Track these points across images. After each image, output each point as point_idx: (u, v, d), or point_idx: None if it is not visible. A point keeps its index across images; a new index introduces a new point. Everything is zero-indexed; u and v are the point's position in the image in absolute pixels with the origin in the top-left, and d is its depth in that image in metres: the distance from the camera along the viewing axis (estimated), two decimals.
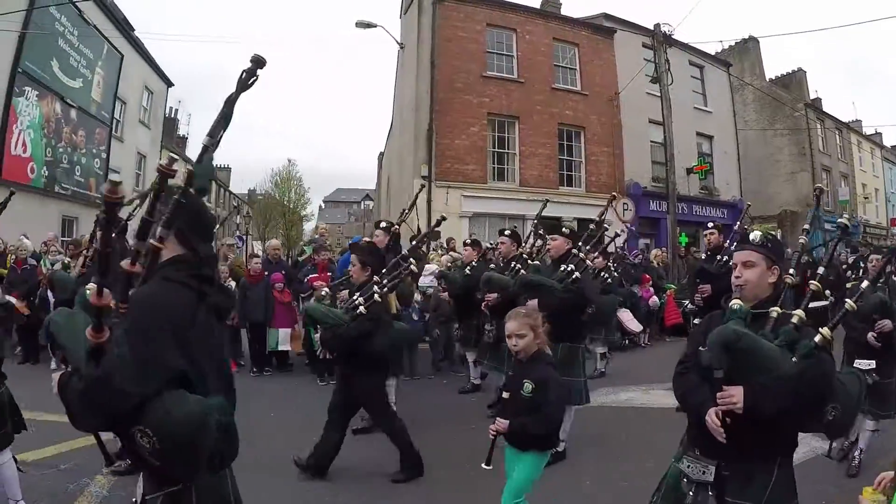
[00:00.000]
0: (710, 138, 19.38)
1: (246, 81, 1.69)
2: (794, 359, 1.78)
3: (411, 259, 4.10)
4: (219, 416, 1.49)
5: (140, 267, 1.54)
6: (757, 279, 2.03)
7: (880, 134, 32.63)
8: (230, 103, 1.69)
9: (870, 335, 3.90)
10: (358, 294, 3.86)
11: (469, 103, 14.64)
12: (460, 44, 14.91)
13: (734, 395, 1.83)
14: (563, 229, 4.67)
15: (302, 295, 7.20)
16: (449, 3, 14.97)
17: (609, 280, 6.97)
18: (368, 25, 15.10)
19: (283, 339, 7.27)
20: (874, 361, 3.88)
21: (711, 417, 1.88)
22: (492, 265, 6.31)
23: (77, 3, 15.28)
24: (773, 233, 3.75)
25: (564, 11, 17.82)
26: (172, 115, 27.32)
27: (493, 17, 15.61)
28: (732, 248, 4.84)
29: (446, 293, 6.99)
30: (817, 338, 1.79)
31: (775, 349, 1.82)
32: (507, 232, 5.80)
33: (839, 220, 2.26)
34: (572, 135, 16.12)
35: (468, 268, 6.13)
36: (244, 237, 20.81)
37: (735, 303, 1.97)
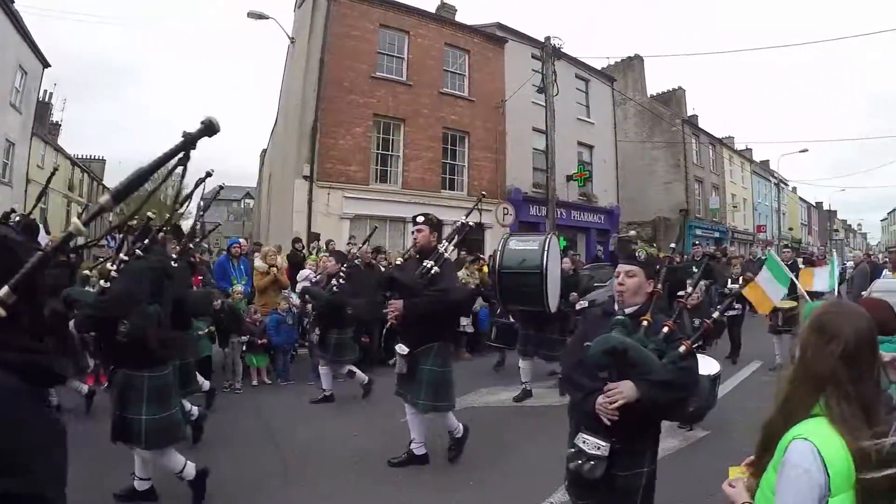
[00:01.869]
0: (591, 148, 20.72)
1: None
2: None
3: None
4: None
5: None
6: None
7: (750, 150, 36.36)
8: None
9: (599, 401, 2.28)
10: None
11: (356, 103, 14.72)
12: (352, 42, 14.92)
13: None
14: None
15: None
16: (344, 0, 14.99)
17: (336, 288, 6.21)
18: (261, 17, 14.86)
19: None
20: (608, 444, 2.30)
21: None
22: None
23: None
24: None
25: (459, 18, 18.37)
26: (47, 100, 24.82)
27: (388, 18, 15.75)
28: (446, 252, 4.41)
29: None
30: None
31: None
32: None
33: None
34: (457, 139, 16.64)
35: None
36: (113, 236, 19.65)
37: None
